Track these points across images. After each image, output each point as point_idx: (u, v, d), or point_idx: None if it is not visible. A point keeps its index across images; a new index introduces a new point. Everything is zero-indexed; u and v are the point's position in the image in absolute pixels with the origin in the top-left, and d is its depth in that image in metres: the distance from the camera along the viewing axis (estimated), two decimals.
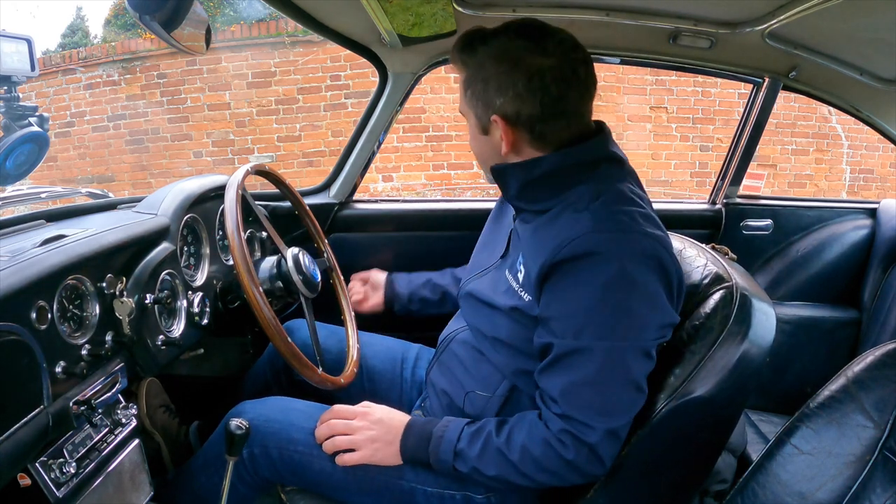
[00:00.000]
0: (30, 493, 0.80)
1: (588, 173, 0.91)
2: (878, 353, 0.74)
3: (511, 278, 0.96)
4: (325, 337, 1.27)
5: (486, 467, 0.90)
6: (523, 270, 0.93)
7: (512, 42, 0.89)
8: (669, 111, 5.27)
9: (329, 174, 1.73)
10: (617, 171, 0.94)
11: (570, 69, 0.88)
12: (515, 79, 0.88)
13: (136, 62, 5.45)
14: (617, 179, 0.92)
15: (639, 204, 0.89)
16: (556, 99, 0.88)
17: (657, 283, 0.85)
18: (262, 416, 1.04)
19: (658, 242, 0.86)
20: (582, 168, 0.91)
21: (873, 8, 1.10)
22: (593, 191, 0.88)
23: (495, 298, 0.97)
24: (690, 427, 0.89)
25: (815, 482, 0.71)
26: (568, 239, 0.84)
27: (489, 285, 1.01)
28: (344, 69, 5.16)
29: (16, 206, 1.55)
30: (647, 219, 0.88)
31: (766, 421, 1.63)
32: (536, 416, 0.90)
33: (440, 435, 0.94)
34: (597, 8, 1.32)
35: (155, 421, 1.20)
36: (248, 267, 0.99)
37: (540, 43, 0.88)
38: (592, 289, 0.83)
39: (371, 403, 1.03)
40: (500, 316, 0.96)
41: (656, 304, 0.86)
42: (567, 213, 0.89)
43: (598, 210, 0.86)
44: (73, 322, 0.89)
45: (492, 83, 0.89)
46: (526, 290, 0.92)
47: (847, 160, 5.53)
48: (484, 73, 0.90)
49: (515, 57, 0.88)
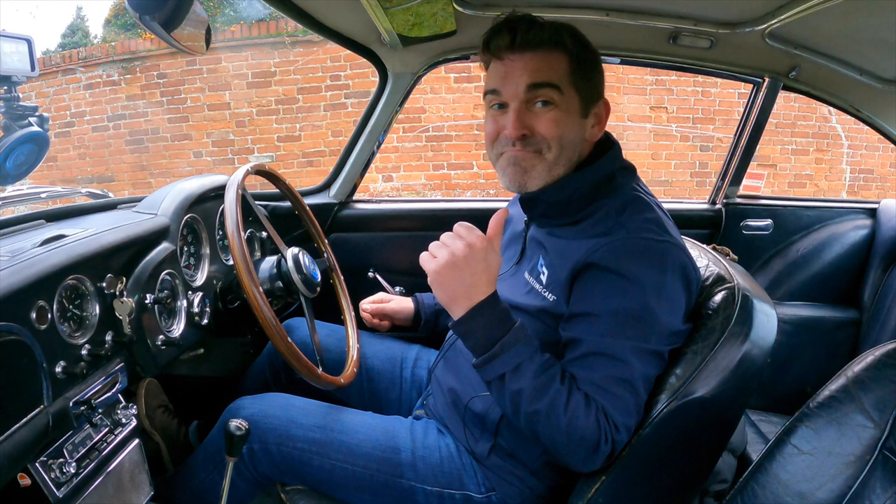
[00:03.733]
0: (30, 493, 0.80)
1: (607, 186, 0.95)
2: (878, 353, 0.74)
3: (532, 280, 0.98)
4: (325, 336, 1.27)
5: (534, 402, 0.82)
6: (546, 272, 0.95)
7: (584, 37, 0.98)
8: (669, 111, 5.27)
9: (329, 174, 1.73)
10: (630, 178, 0.98)
11: None
12: (601, 73, 0.98)
13: (136, 62, 5.45)
14: (632, 188, 0.96)
15: (658, 210, 0.94)
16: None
17: (681, 290, 0.88)
18: (262, 412, 1.04)
19: (683, 252, 0.90)
20: (601, 183, 0.95)
21: (873, 8, 1.10)
22: (618, 204, 0.93)
23: (517, 300, 0.98)
24: (692, 427, 0.89)
25: (815, 482, 0.71)
26: (601, 243, 0.88)
27: (508, 288, 1.01)
28: (344, 69, 5.16)
29: (16, 206, 1.55)
30: (669, 227, 0.92)
31: (766, 421, 1.63)
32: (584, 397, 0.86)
33: (516, 338, 0.84)
34: (597, 8, 1.32)
35: (154, 421, 1.20)
36: (248, 267, 0.99)
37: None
38: (624, 294, 0.85)
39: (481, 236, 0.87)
40: (519, 316, 0.95)
41: (676, 310, 0.88)
42: (597, 221, 0.92)
43: (627, 221, 0.90)
44: (73, 322, 0.89)
45: (597, 73, 0.97)
46: (550, 291, 0.93)
47: (847, 160, 5.53)
48: (592, 60, 0.96)
49: (597, 53, 0.98)
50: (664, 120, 5.28)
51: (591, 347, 0.86)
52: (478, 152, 5.25)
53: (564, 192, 0.94)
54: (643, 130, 5.27)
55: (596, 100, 0.97)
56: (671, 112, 5.27)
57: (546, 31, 0.92)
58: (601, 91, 0.98)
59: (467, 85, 5.05)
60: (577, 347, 0.88)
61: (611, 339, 0.85)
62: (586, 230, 0.93)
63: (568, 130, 0.93)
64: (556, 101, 0.91)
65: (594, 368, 0.86)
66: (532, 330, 0.94)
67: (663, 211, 0.95)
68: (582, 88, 0.93)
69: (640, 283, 0.85)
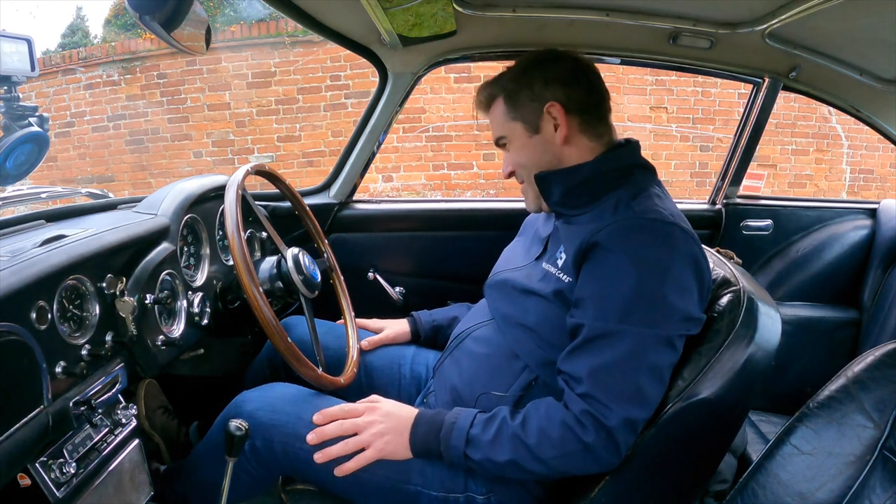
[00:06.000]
0: (30, 493, 0.80)
1: (623, 179, 0.98)
2: (878, 353, 0.74)
3: (550, 266, 1.00)
4: (324, 334, 1.27)
5: (500, 453, 0.89)
6: (563, 257, 0.97)
7: (533, 56, 1.05)
8: (669, 111, 5.27)
9: (329, 174, 1.73)
10: (650, 178, 1.00)
11: (595, 74, 1.03)
12: (559, 71, 1.00)
13: (136, 62, 5.45)
14: (650, 185, 0.98)
15: (673, 205, 0.95)
16: (594, 87, 1.02)
17: (690, 274, 0.88)
18: (268, 406, 1.02)
19: (692, 238, 0.91)
20: (618, 174, 0.98)
21: (873, 8, 1.10)
22: (630, 192, 0.95)
23: (532, 286, 1.00)
24: (696, 428, 0.89)
25: (814, 482, 0.71)
26: (607, 222, 0.90)
27: (524, 276, 1.04)
28: (344, 69, 5.16)
29: (16, 206, 1.55)
30: (681, 217, 0.93)
31: (766, 421, 1.63)
32: (553, 399, 0.91)
33: (452, 422, 0.94)
34: (597, 8, 1.32)
35: (154, 422, 1.20)
36: (248, 267, 0.99)
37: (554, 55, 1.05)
38: (627, 274, 0.86)
39: (379, 397, 1.03)
40: (532, 301, 0.98)
41: (686, 295, 0.88)
42: (608, 207, 0.95)
43: (637, 204, 0.92)
44: (73, 322, 0.89)
45: (537, 83, 1.00)
46: (565, 273, 0.95)
47: (847, 160, 5.53)
48: (526, 78, 1.02)
49: (550, 57, 1.03)
50: (664, 120, 5.28)
51: (590, 332, 0.87)
52: (478, 152, 5.25)
53: (577, 177, 0.99)
54: (643, 131, 5.27)
55: (538, 112, 1.00)
56: (671, 112, 5.27)
57: (483, 94, 1.08)
58: (540, 96, 1.00)
59: (467, 85, 5.04)
60: (578, 334, 0.88)
61: (611, 324, 0.85)
62: (598, 216, 0.95)
63: (528, 154, 1.03)
64: (508, 142, 1.05)
65: (593, 354, 0.86)
66: (536, 316, 0.98)
67: (676, 208, 0.97)
68: (519, 116, 1.02)
69: (645, 263, 0.85)
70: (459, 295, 1.54)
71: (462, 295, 1.51)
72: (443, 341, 1.28)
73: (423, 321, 1.32)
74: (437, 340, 1.31)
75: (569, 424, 0.86)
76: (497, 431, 0.90)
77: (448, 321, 1.31)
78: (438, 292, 1.68)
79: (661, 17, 1.35)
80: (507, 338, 1.02)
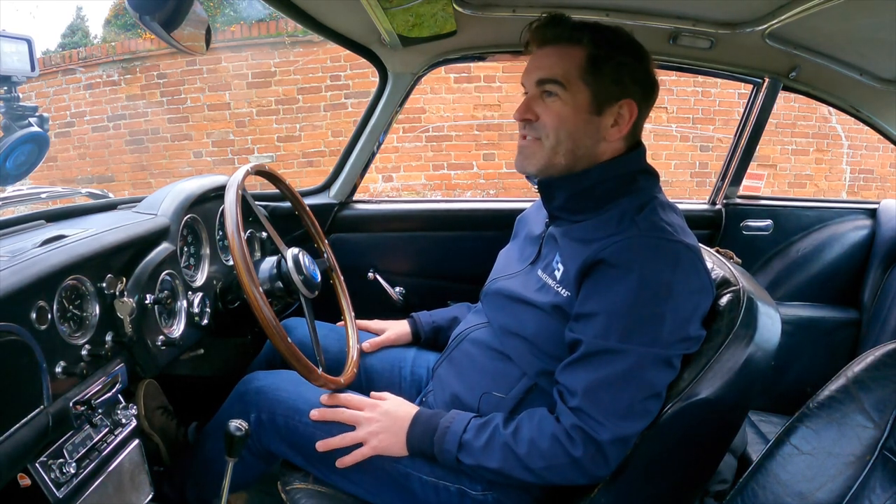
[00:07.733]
0: (30, 494, 0.80)
1: (628, 186, 0.96)
2: (878, 354, 0.74)
3: (546, 276, 0.98)
4: (324, 336, 1.27)
5: (490, 460, 0.90)
6: (561, 268, 0.95)
7: (628, 41, 0.98)
8: (669, 111, 5.27)
9: (329, 174, 1.73)
10: (653, 184, 0.99)
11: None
12: (646, 74, 0.97)
13: (136, 62, 5.45)
14: (654, 191, 0.97)
15: (675, 215, 0.94)
16: (652, 100, 0.99)
17: (694, 293, 0.88)
18: (274, 384, 1.07)
19: (696, 256, 0.90)
20: (622, 180, 0.96)
21: (873, 8, 1.10)
22: (637, 203, 0.93)
23: (529, 296, 0.99)
24: (695, 429, 0.90)
25: (814, 482, 0.71)
26: (613, 240, 0.88)
27: (520, 284, 1.03)
28: (344, 69, 5.16)
29: (16, 206, 1.55)
30: (686, 231, 0.93)
31: (766, 421, 1.63)
32: (547, 411, 0.91)
33: (446, 426, 0.95)
34: (597, 8, 1.32)
35: (153, 422, 1.20)
36: (248, 267, 0.99)
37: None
38: (629, 292, 0.85)
39: (386, 394, 1.05)
40: (530, 312, 0.97)
41: (688, 315, 0.88)
42: (612, 219, 0.93)
43: (643, 219, 0.90)
44: (73, 322, 0.89)
45: (626, 72, 0.95)
46: (564, 287, 0.94)
47: (847, 160, 5.53)
48: (617, 58, 0.95)
49: (641, 54, 0.97)
50: (664, 120, 5.27)
51: (589, 349, 0.86)
52: (478, 152, 5.25)
53: (584, 183, 0.97)
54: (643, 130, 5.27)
55: (615, 99, 0.95)
56: (671, 112, 5.27)
57: (564, 28, 0.96)
58: (628, 92, 0.95)
59: (467, 85, 5.05)
60: (577, 349, 0.88)
61: (612, 342, 0.85)
62: (601, 227, 0.93)
63: (570, 123, 0.96)
64: (559, 95, 0.95)
65: (590, 370, 0.86)
66: (533, 327, 0.96)
67: (681, 217, 0.96)
68: (594, 84, 0.94)
69: (648, 282, 0.85)
70: (459, 295, 1.54)
71: (462, 295, 1.51)
72: (443, 342, 1.27)
73: (424, 322, 1.32)
74: (437, 341, 1.31)
75: (558, 438, 0.87)
76: (489, 438, 0.91)
77: (448, 322, 1.31)
78: (438, 292, 1.68)
79: (660, 17, 1.35)
80: (504, 346, 1.02)
